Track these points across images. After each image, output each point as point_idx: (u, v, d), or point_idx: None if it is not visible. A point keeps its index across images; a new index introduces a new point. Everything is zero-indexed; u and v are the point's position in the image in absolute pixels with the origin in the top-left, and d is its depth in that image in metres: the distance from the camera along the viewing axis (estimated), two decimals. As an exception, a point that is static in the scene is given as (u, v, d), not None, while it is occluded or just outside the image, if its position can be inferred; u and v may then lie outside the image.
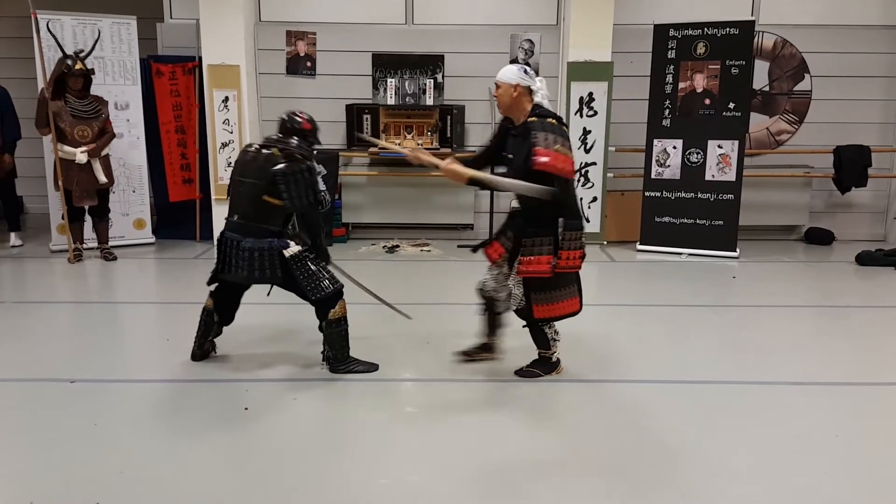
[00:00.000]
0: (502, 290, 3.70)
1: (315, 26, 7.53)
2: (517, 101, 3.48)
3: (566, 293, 3.59)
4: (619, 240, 7.39)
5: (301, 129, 3.77)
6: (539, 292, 3.55)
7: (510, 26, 7.49)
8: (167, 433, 3.12)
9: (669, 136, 6.94)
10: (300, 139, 3.74)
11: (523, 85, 3.46)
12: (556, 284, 3.54)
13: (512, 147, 3.52)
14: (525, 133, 3.41)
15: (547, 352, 3.76)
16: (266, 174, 3.58)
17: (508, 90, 3.47)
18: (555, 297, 3.56)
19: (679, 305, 5.25)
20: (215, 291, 3.90)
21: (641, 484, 2.73)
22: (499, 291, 3.70)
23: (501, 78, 3.51)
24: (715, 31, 6.72)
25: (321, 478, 2.77)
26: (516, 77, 3.46)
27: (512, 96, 3.47)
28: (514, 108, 3.50)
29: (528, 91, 3.48)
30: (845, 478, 2.80)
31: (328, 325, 3.73)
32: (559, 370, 3.80)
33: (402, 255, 6.89)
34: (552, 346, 3.75)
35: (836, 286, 6.01)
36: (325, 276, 3.70)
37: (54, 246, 6.82)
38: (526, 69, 3.54)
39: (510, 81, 3.46)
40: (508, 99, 3.49)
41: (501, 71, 3.54)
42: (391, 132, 7.34)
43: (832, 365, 4.04)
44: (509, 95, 3.48)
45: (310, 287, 3.65)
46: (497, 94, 3.55)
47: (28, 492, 2.64)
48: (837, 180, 7.48)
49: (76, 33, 6.74)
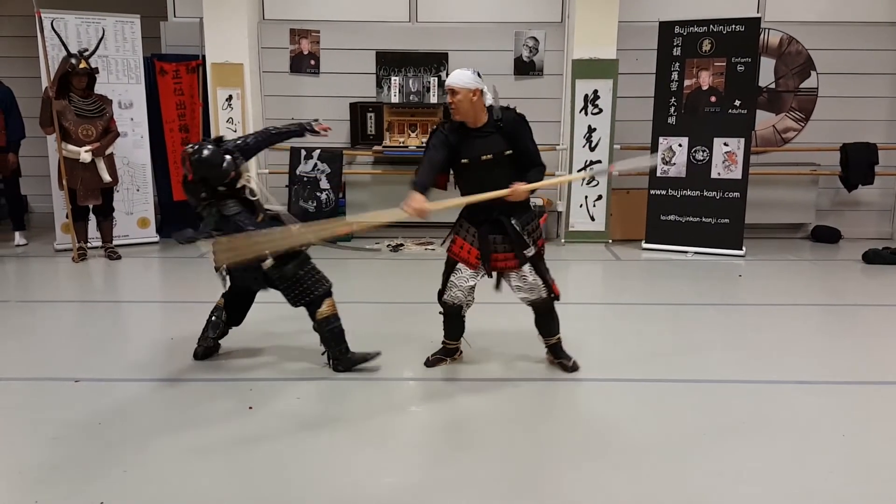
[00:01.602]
0: (469, 294, 3.70)
1: (319, 24, 7.52)
2: (477, 105, 3.47)
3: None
4: (624, 238, 7.36)
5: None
6: (548, 271, 3.69)
7: (514, 24, 7.47)
8: (171, 432, 3.11)
9: (675, 134, 6.91)
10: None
11: (479, 88, 3.46)
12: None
13: (482, 147, 3.48)
14: (511, 123, 3.49)
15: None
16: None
17: (468, 95, 3.43)
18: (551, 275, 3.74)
19: (684, 304, 5.22)
20: (227, 291, 3.90)
21: (646, 483, 2.72)
22: (465, 297, 3.69)
23: (459, 83, 3.42)
24: (721, 28, 6.68)
25: (325, 476, 2.76)
26: (474, 82, 3.43)
27: (472, 101, 3.44)
28: (474, 111, 3.48)
29: (481, 94, 3.48)
30: (851, 477, 2.78)
31: (319, 325, 3.73)
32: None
33: (405, 254, 6.88)
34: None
35: (842, 285, 5.98)
36: (306, 280, 3.70)
37: (58, 245, 6.82)
38: (478, 72, 3.51)
39: (469, 86, 3.42)
40: (468, 104, 3.45)
41: (456, 76, 3.45)
42: (395, 130, 7.33)
43: (838, 364, 4.01)
44: (469, 101, 3.44)
45: (290, 295, 3.71)
46: (456, 101, 3.45)
47: (33, 490, 2.64)
48: (844, 178, 7.44)
49: (80, 32, 6.73)
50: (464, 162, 3.52)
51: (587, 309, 5.16)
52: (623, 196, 7.42)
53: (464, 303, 3.71)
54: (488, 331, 4.28)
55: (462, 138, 3.52)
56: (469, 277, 3.66)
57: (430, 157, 3.53)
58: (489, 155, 3.49)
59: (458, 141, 3.52)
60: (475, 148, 3.50)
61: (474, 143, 3.51)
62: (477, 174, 3.52)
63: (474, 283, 3.69)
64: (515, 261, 3.59)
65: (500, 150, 3.49)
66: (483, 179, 3.50)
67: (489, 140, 3.49)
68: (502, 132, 3.49)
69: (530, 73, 7.47)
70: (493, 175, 3.49)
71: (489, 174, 3.50)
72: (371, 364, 3.79)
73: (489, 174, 3.50)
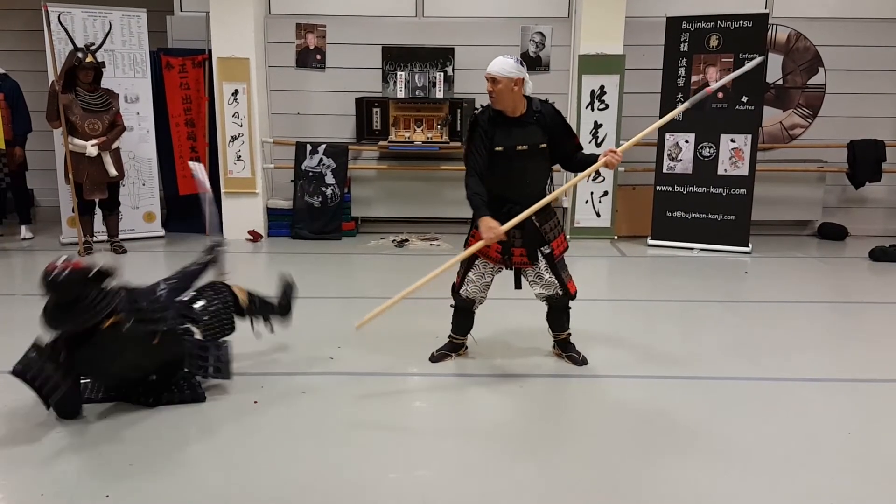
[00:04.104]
0: (484, 290, 3.70)
1: (325, 19, 7.51)
2: (517, 94, 3.45)
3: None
4: (630, 234, 7.34)
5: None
6: (565, 270, 3.69)
7: (521, 19, 7.45)
8: (176, 426, 3.12)
9: (682, 130, 6.88)
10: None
11: (521, 77, 3.44)
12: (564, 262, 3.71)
13: (519, 137, 3.46)
14: (551, 117, 3.51)
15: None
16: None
17: (509, 84, 3.40)
18: (569, 273, 3.74)
19: (690, 301, 5.21)
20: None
21: (653, 480, 2.71)
22: (479, 293, 3.70)
23: (501, 72, 3.39)
24: (728, 23, 6.65)
25: (330, 472, 2.77)
26: (516, 71, 3.41)
27: (512, 90, 3.42)
28: (513, 101, 3.46)
29: (522, 83, 3.45)
30: (858, 475, 2.77)
31: (252, 310, 3.70)
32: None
33: (411, 249, 6.87)
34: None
35: (849, 282, 5.95)
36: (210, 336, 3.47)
37: (65, 239, 6.84)
38: (521, 61, 3.50)
39: (511, 76, 3.39)
40: (509, 93, 3.42)
41: (498, 64, 3.41)
42: (401, 126, 7.31)
43: (845, 361, 4.00)
44: (510, 90, 3.41)
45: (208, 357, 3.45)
46: (496, 90, 3.42)
47: (38, 484, 2.65)
48: (851, 175, 7.41)
49: (87, 26, 6.74)
50: (498, 150, 3.46)
51: (592, 305, 5.15)
52: (629, 192, 7.40)
53: (478, 298, 3.71)
54: (495, 326, 4.28)
55: (498, 126, 3.48)
56: (487, 273, 3.66)
57: (476, 165, 3.45)
58: (525, 146, 3.46)
59: (494, 128, 3.48)
60: (512, 137, 3.47)
61: (511, 131, 3.47)
62: (510, 163, 3.48)
63: (491, 280, 3.68)
64: (527, 258, 3.58)
65: (536, 142, 3.47)
66: (514, 170, 3.47)
67: (527, 131, 3.47)
68: (540, 124, 3.48)
69: (536, 68, 7.45)
70: (525, 166, 3.47)
71: (522, 165, 3.47)
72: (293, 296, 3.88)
73: (522, 165, 3.47)
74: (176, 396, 3.32)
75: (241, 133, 7.14)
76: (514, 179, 3.47)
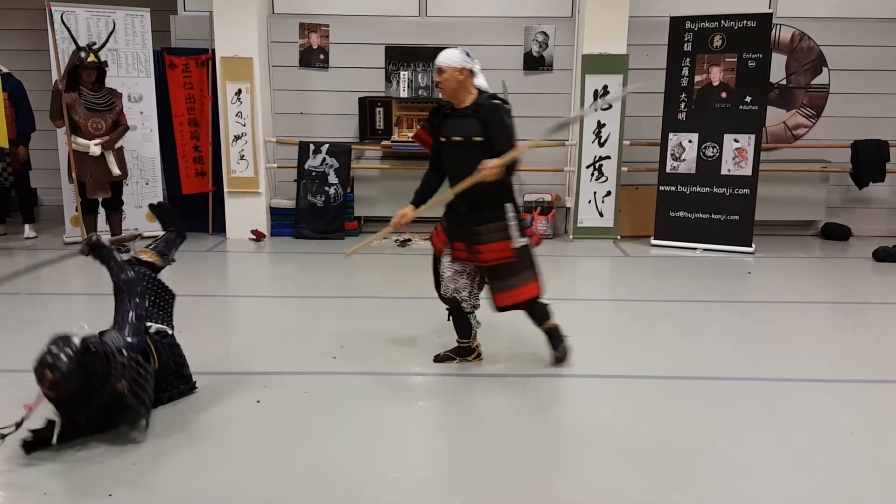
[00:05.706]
0: (462, 288, 3.66)
1: (328, 19, 7.51)
2: (463, 85, 3.49)
3: (524, 278, 3.59)
4: (633, 234, 7.34)
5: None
6: (498, 280, 3.58)
7: (524, 18, 7.44)
8: (179, 425, 3.12)
9: (685, 130, 6.87)
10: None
11: (468, 68, 3.47)
12: (515, 271, 3.56)
13: (462, 128, 3.48)
14: (487, 111, 3.44)
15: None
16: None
17: (454, 74, 3.46)
18: (514, 283, 3.58)
19: (693, 301, 5.20)
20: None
21: (655, 480, 2.71)
22: (459, 291, 3.66)
23: (446, 62, 3.47)
24: (732, 23, 6.64)
25: (331, 471, 2.77)
26: (461, 61, 3.46)
27: (458, 80, 3.47)
28: (460, 91, 3.50)
29: (470, 74, 3.49)
30: (860, 476, 2.76)
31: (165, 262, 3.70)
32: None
33: (414, 249, 6.87)
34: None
35: (852, 282, 5.94)
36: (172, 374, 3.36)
37: (68, 238, 6.85)
38: (468, 52, 3.53)
39: (456, 65, 3.45)
40: (455, 83, 3.48)
41: (443, 56, 3.50)
42: (404, 125, 7.31)
43: (848, 362, 3.99)
44: (455, 80, 3.47)
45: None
46: (442, 80, 3.50)
47: (41, 483, 2.65)
48: (855, 175, 7.39)
49: (90, 25, 6.75)
50: (441, 140, 3.56)
51: (595, 305, 5.15)
52: (632, 192, 7.39)
53: (459, 295, 3.65)
54: (497, 326, 4.27)
55: (447, 118, 3.56)
56: (448, 267, 3.66)
57: (431, 157, 3.67)
58: (460, 137, 3.49)
59: (444, 120, 3.57)
60: (452, 129, 3.53)
61: (454, 123, 3.53)
62: (449, 155, 3.55)
63: (464, 274, 3.64)
64: (466, 253, 3.56)
65: (470, 135, 3.47)
66: (455, 161, 3.53)
67: (466, 122, 3.50)
68: (478, 117, 3.48)
69: (540, 68, 7.44)
70: (463, 158, 3.46)
71: (460, 157, 3.49)
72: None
73: (460, 157, 3.49)
74: (175, 393, 3.34)
75: (245, 132, 7.14)
76: (454, 171, 3.53)
